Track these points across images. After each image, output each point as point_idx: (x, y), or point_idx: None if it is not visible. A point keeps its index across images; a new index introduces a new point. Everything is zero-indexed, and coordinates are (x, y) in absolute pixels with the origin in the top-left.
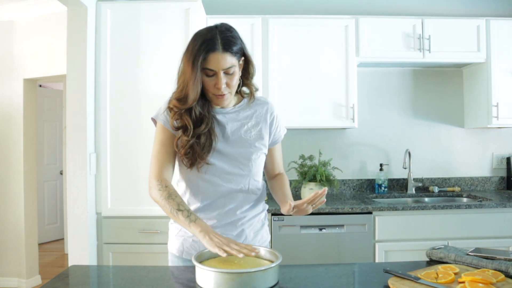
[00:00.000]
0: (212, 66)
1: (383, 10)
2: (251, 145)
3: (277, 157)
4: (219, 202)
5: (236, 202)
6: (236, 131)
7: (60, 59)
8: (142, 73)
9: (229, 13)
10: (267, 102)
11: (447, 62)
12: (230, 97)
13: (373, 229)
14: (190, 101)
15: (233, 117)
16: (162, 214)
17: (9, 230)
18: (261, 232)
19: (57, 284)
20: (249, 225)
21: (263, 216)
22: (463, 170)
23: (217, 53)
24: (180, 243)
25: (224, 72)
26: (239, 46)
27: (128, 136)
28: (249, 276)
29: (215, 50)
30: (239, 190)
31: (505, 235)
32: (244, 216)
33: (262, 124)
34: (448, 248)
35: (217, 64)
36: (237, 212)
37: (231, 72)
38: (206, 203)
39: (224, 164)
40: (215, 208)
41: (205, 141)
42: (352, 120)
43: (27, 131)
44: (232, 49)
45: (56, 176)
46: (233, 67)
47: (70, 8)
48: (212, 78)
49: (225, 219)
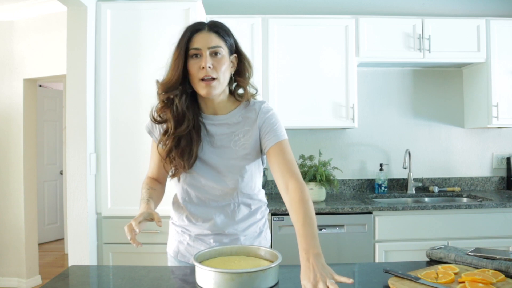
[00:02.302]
0: (197, 45)
1: (383, 10)
2: (240, 157)
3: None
4: (208, 214)
5: (226, 214)
6: (225, 141)
7: (60, 59)
8: (142, 73)
9: (229, 13)
10: (260, 105)
11: (447, 62)
12: (219, 85)
13: (373, 229)
14: (172, 82)
15: (224, 125)
16: (162, 214)
17: (9, 230)
18: (258, 239)
19: (57, 284)
20: (244, 235)
21: (261, 224)
22: (463, 170)
23: (202, 32)
24: (176, 245)
25: (210, 53)
26: (230, 37)
27: (128, 136)
28: (249, 276)
29: (200, 30)
30: (228, 203)
31: (505, 235)
32: (237, 228)
33: (253, 130)
34: (448, 248)
35: (202, 41)
36: (228, 224)
37: (218, 54)
38: (195, 213)
39: (211, 176)
40: (206, 219)
41: (185, 146)
42: (352, 120)
43: (27, 131)
44: (218, 31)
45: (56, 176)
46: (220, 48)
47: (70, 8)
48: (198, 60)
49: (217, 230)
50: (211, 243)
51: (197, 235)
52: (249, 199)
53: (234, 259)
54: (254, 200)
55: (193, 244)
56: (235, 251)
